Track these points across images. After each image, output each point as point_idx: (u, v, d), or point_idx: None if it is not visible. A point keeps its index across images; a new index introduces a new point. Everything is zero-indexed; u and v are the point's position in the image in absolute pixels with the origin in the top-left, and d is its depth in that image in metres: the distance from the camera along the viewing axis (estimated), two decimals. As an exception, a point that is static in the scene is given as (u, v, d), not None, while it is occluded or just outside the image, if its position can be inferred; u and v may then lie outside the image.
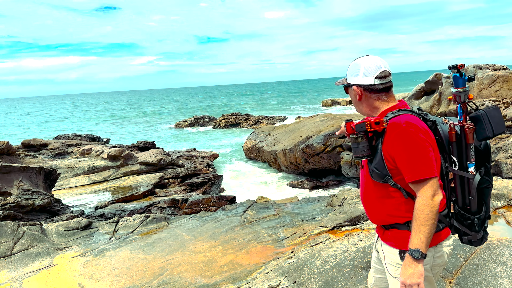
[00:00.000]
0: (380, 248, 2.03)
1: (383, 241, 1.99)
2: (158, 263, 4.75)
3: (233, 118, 37.02)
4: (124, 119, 53.05)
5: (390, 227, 1.95)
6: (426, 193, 1.73)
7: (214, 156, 17.01)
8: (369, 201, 2.01)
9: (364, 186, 2.04)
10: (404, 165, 1.76)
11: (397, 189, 1.86)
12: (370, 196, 1.99)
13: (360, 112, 2.03)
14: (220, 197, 9.10)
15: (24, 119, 65.75)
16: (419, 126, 1.76)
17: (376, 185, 1.92)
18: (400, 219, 1.89)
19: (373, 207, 1.98)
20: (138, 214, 6.80)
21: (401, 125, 1.75)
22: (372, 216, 2.04)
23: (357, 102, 1.99)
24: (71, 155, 14.43)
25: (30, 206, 7.41)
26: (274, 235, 5.33)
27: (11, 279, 4.60)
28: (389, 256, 1.95)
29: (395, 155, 1.77)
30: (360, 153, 1.83)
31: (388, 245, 1.95)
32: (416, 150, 1.73)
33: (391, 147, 1.78)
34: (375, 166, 1.84)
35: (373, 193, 1.97)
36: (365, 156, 1.83)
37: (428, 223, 1.72)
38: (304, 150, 13.30)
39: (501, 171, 8.34)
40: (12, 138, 29.49)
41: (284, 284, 3.75)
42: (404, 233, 1.87)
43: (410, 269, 1.74)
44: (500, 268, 3.17)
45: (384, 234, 1.99)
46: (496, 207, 6.37)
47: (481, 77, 10.19)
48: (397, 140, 1.75)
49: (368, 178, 1.95)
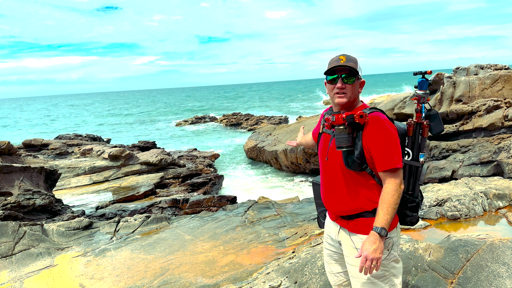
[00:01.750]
0: (347, 238, 2.13)
1: (352, 231, 2.10)
2: (159, 263, 4.74)
3: (234, 118, 37.04)
4: (124, 119, 53.08)
5: (355, 217, 2.07)
6: (396, 180, 1.93)
7: (215, 156, 17.01)
8: (338, 193, 2.10)
9: (331, 178, 2.12)
10: (380, 156, 1.95)
11: (372, 177, 2.04)
12: (340, 187, 2.08)
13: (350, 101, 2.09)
14: (221, 197, 9.10)
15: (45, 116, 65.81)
16: (391, 123, 2.03)
17: (350, 175, 2.04)
18: (370, 206, 2.04)
19: (344, 197, 2.08)
20: (139, 214, 6.80)
21: (380, 119, 1.97)
22: (340, 207, 2.11)
23: (357, 93, 2.12)
24: (72, 155, 14.44)
25: (31, 206, 7.41)
26: (275, 235, 5.32)
27: (12, 279, 4.59)
28: (360, 243, 2.05)
29: (373, 146, 1.95)
30: (344, 143, 1.96)
31: (359, 234, 2.07)
32: (392, 143, 1.95)
33: (370, 139, 1.95)
34: (356, 156, 1.97)
35: (345, 183, 2.06)
36: (347, 146, 1.97)
37: (395, 206, 1.92)
38: (305, 150, 13.29)
39: (503, 171, 8.32)
40: (13, 138, 29.54)
41: (285, 284, 3.74)
42: (371, 220, 2.02)
43: (374, 245, 1.87)
44: (502, 269, 3.16)
45: (349, 225, 2.11)
46: (498, 207, 6.35)
47: (483, 77, 10.17)
48: (377, 133, 1.94)
49: (338, 170, 2.07)
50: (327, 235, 2.35)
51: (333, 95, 2.08)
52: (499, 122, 9.31)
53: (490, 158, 8.76)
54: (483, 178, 7.95)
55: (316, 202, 2.49)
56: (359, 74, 2.07)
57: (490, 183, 7.39)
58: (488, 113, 9.56)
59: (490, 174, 8.59)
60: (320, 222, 2.51)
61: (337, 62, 2.05)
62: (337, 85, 2.04)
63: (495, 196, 6.56)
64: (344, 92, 2.04)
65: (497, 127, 9.36)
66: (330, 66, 2.06)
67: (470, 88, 10.16)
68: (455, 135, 10.00)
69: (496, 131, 9.41)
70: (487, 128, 9.45)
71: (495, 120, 9.33)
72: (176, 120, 44.38)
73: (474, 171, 8.83)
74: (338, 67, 2.04)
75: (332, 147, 2.07)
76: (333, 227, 2.26)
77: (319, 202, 2.41)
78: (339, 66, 2.03)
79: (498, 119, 9.33)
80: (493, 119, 9.36)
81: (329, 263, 2.37)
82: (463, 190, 6.99)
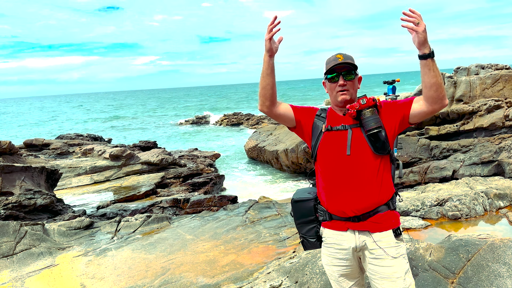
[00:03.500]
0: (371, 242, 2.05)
1: (373, 231, 2.05)
2: (160, 262, 4.75)
3: (234, 117, 37.04)
4: (125, 119, 53.11)
5: (372, 214, 2.03)
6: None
7: (215, 156, 17.00)
8: (363, 186, 2.03)
9: (355, 173, 2.03)
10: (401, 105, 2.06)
11: (391, 162, 2.13)
12: (367, 178, 2.03)
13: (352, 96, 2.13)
14: (221, 197, 9.10)
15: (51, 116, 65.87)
16: None
17: (377, 161, 2.04)
18: (389, 194, 2.08)
19: (370, 189, 2.03)
20: (140, 214, 6.81)
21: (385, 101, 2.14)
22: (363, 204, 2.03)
23: (357, 88, 2.17)
24: (73, 154, 14.46)
25: (32, 206, 7.42)
26: (276, 235, 5.33)
27: (13, 278, 4.60)
28: (385, 241, 2.03)
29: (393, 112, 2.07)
30: (375, 124, 1.98)
31: (380, 232, 2.04)
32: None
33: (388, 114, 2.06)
34: (384, 137, 2.01)
35: (372, 172, 2.03)
36: (378, 127, 1.99)
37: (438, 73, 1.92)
38: (306, 150, 13.29)
39: (503, 171, 8.31)
40: (15, 138, 29.58)
41: (285, 284, 3.74)
42: (387, 214, 2.05)
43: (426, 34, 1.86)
44: (503, 268, 3.16)
45: (369, 225, 2.05)
46: (499, 207, 6.35)
47: (484, 77, 10.16)
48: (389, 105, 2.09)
49: (364, 160, 2.03)
50: (335, 251, 2.15)
51: (336, 93, 2.10)
52: (500, 122, 9.30)
53: (491, 158, 8.76)
54: (484, 178, 7.95)
55: (300, 221, 2.25)
56: (357, 70, 2.11)
57: (491, 183, 7.38)
58: (489, 113, 9.56)
59: (491, 174, 8.59)
60: (309, 242, 2.27)
61: (335, 61, 2.07)
62: (339, 83, 2.07)
63: (496, 196, 6.55)
64: (346, 89, 2.08)
65: (498, 127, 9.36)
66: (330, 66, 2.08)
67: (471, 88, 10.16)
68: (456, 135, 10.00)
69: (497, 131, 9.40)
70: (488, 128, 9.44)
71: (496, 120, 9.32)
72: (177, 120, 44.40)
73: (475, 171, 8.82)
74: (337, 65, 2.06)
75: (355, 138, 2.04)
76: (345, 236, 2.10)
77: (304, 221, 2.24)
78: (338, 64, 2.06)
79: (499, 119, 9.32)
80: (494, 119, 9.36)
81: (340, 282, 2.20)
82: (464, 190, 6.99)
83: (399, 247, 2.05)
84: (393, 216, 2.09)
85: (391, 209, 2.08)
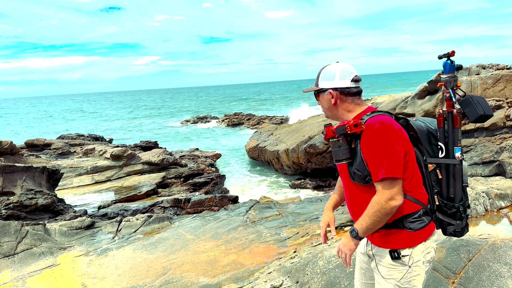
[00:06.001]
0: (371, 252, 2.02)
1: (374, 243, 1.99)
2: (161, 262, 4.75)
3: (235, 117, 37.05)
4: (125, 119, 53.14)
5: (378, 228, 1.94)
6: (383, 194, 1.76)
7: (216, 156, 17.01)
8: (355, 205, 2.00)
9: (347, 191, 2.03)
10: (370, 167, 1.79)
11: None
12: (356, 199, 1.98)
13: (333, 117, 2.04)
14: (222, 197, 9.10)
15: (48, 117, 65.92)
16: (391, 125, 1.78)
17: (358, 187, 1.93)
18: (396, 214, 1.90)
19: (359, 210, 1.94)
20: (141, 214, 6.82)
21: (374, 125, 1.76)
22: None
23: (331, 107, 1.98)
24: (74, 154, 14.47)
25: (33, 206, 7.43)
26: (276, 235, 5.33)
27: (15, 278, 4.61)
28: (380, 258, 1.95)
29: (367, 155, 1.79)
30: (341, 156, 1.84)
31: (378, 247, 1.95)
32: (383, 151, 1.74)
33: (366, 148, 1.79)
34: (356, 168, 1.84)
35: (357, 196, 1.96)
36: (345, 159, 1.85)
37: (374, 219, 1.79)
38: (306, 150, 13.29)
39: (504, 171, 8.31)
40: (15, 138, 29.61)
41: (286, 284, 3.74)
42: (392, 232, 1.89)
43: (346, 240, 1.90)
44: (504, 269, 3.16)
45: (373, 237, 1.98)
46: (500, 207, 6.34)
47: (485, 77, 10.15)
48: (369, 140, 1.77)
49: (350, 182, 1.96)
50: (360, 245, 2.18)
51: None
52: (501, 122, 9.30)
53: (492, 158, 8.75)
54: (485, 178, 7.94)
55: None
56: (318, 90, 2.01)
57: (492, 183, 7.38)
58: (490, 113, 9.56)
59: (492, 174, 8.58)
60: None
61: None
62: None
63: (497, 196, 6.55)
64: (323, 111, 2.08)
65: (499, 127, 9.35)
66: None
67: (472, 88, 10.15)
68: (457, 135, 9.99)
69: (498, 131, 9.39)
70: (489, 128, 9.44)
71: (497, 120, 9.32)
72: (178, 120, 44.43)
73: (475, 171, 8.81)
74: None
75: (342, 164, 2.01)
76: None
77: None
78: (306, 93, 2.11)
79: (500, 119, 9.31)
80: (495, 119, 9.35)
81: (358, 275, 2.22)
82: (465, 190, 6.97)
83: (392, 270, 1.89)
84: (398, 236, 1.88)
85: (399, 227, 1.88)
